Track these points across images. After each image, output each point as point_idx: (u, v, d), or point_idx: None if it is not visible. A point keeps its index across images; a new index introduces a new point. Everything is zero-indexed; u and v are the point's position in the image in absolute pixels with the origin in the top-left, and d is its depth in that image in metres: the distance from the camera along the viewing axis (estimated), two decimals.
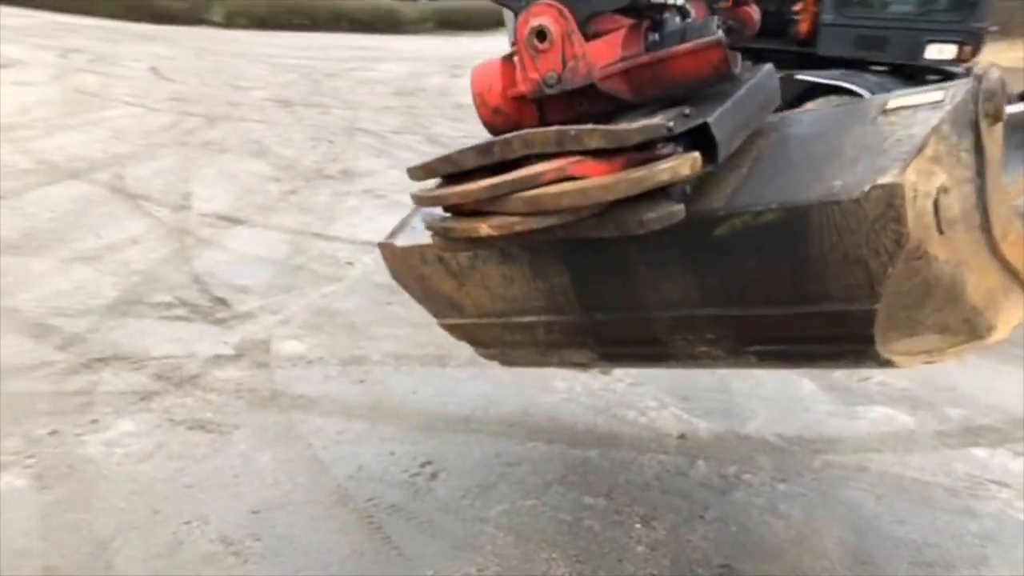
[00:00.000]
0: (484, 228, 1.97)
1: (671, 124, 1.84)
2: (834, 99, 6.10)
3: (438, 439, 3.42)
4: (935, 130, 1.86)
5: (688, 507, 3.08)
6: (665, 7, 2.05)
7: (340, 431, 3.45)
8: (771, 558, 2.83)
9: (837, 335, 2.07)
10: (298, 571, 2.63)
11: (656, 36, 2.04)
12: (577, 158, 1.87)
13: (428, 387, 3.88)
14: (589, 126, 1.88)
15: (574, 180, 1.87)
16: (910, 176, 1.76)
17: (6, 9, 21.88)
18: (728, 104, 2.04)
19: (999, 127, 2.00)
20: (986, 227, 2.05)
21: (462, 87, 5.82)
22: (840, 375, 4.20)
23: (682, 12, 2.07)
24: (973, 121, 1.95)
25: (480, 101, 2.10)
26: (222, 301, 4.67)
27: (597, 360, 2.63)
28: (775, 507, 3.10)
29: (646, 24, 2.05)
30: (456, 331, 2.72)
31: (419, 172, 2.09)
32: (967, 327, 2.18)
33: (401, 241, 2.43)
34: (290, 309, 4.66)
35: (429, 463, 3.24)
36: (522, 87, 2.02)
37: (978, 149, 1.98)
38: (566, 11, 1.95)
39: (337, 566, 2.66)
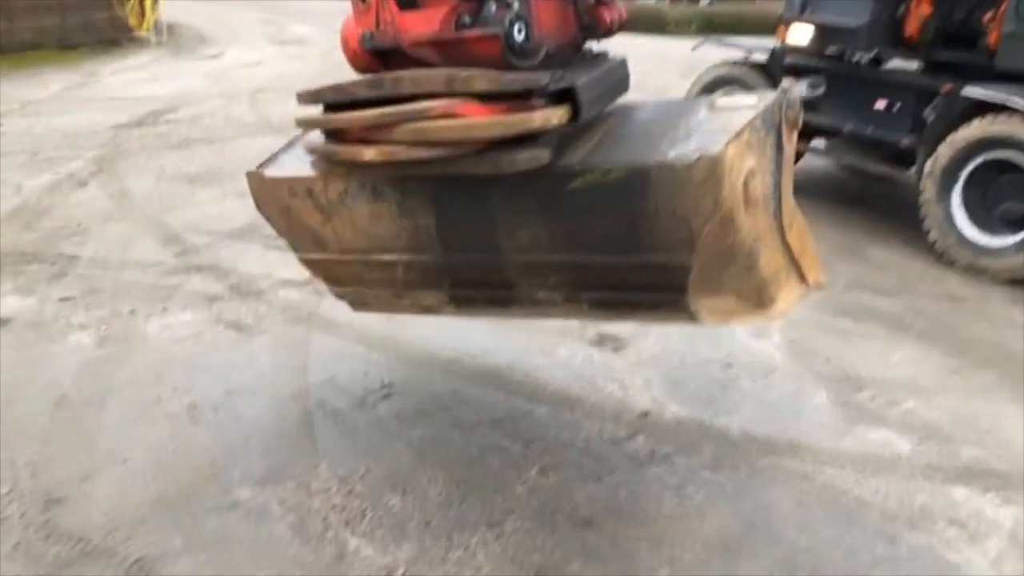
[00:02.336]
0: (369, 153, 2.22)
1: (546, 81, 2.15)
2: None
3: (412, 372, 3.80)
4: (750, 123, 2.17)
5: (594, 468, 3.18)
6: None
7: (339, 350, 3.95)
8: (637, 524, 2.87)
9: (659, 283, 2.39)
10: (226, 437, 3.17)
11: (467, 19, 2.28)
12: (463, 100, 2.15)
13: (443, 334, 4.22)
14: (478, 70, 2.18)
15: (458, 118, 2.15)
16: (730, 152, 2.06)
17: None
18: (594, 75, 2.38)
19: (795, 134, 2.38)
20: (778, 214, 2.36)
21: (684, 87, 6.15)
22: (866, 397, 3.93)
23: (505, 2, 2.27)
24: (778, 124, 2.29)
25: (344, 45, 2.46)
26: None
27: (447, 304, 2.81)
28: (682, 487, 3.10)
29: (466, 7, 2.29)
30: (315, 267, 2.89)
31: (308, 96, 2.42)
32: (755, 296, 2.39)
33: (270, 172, 2.62)
34: None
35: (389, 386, 3.63)
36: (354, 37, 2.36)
37: (779, 148, 2.32)
38: None
39: (256, 439, 3.17)
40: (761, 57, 7.32)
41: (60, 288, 4.34)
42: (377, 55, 2.38)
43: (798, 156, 7.67)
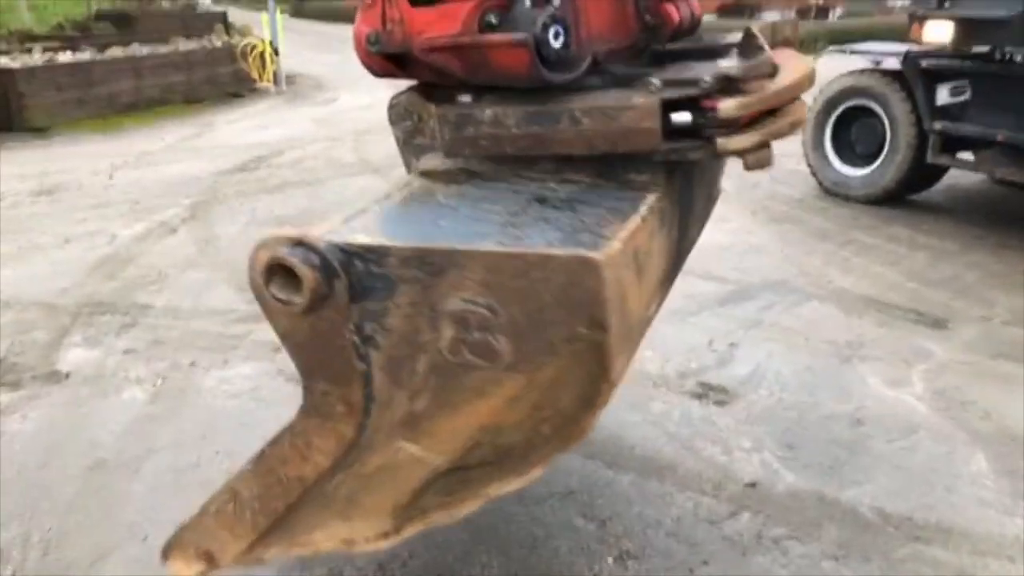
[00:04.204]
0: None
1: None
2: None
3: None
4: None
5: (685, 556, 2.60)
6: None
7: None
8: None
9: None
10: None
11: (493, 18, 1.80)
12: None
13: None
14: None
15: None
16: None
17: None
18: None
19: None
20: None
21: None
22: None
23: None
24: None
25: (356, 43, 2.06)
26: None
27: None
28: None
29: (493, 3, 1.82)
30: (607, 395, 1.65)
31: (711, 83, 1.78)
32: None
33: (606, 248, 1.49)
34: None
35: None
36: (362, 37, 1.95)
37: None
38: None
39: None
40: (893, 63, 6.53)
41: (127, 339, 4.18)
42: (389, 58, 1.96)
43: (942, 171, 6.78)
